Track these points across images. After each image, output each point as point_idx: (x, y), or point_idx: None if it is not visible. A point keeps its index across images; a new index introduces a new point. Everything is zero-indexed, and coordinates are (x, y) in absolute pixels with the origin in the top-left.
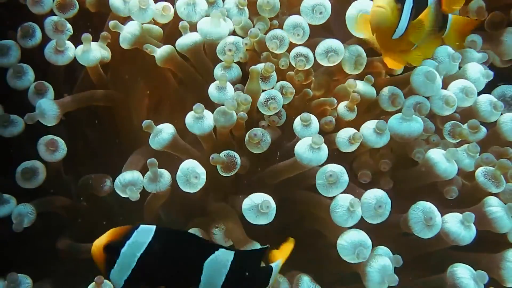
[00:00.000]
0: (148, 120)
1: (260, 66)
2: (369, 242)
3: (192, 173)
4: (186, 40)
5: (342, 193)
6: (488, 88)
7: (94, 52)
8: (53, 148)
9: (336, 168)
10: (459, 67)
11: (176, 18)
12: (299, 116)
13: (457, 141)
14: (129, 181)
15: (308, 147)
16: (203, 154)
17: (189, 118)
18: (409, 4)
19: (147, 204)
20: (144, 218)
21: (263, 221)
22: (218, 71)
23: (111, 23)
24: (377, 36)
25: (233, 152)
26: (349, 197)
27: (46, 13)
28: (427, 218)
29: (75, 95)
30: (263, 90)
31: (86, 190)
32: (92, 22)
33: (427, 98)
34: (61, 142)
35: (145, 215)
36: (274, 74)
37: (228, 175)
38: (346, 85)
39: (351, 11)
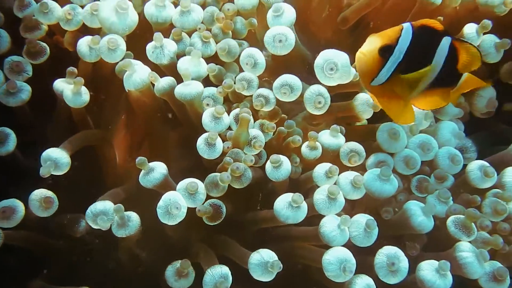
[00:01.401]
0: (142, 157)
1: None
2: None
3: (174, 204)
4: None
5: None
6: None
7: (84, 95)
8: (48, 205)
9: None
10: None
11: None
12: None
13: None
14: (100, 210)
15: (287, 204)
16: None
17: (181, 190)
18: (397, 58)
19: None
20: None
21: (267, 278)
22: (207, 120)
23: (124, 62)
24: (360, 78)
25: (219, 201)
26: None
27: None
28: (389, 263)
29: (72, 139)
30: None
31: (60, 229)
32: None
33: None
34: (54, 198)
35: (120, 254)
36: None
37: (213, 224)
38: (291, 141)
39: (319, 61)
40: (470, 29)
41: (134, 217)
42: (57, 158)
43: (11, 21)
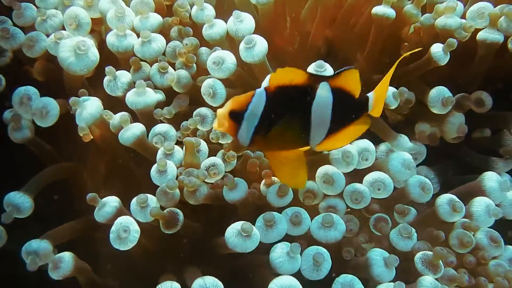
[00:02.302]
0: (93, 194)
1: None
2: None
3: (122, 227)
4: (128, 133)
5: None
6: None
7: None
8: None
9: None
10: None
11: None
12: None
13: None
14: (33, 250)
15: (236, 232)
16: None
17: (133, 206)
18: (251, 122)
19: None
20: None
21: None
22: (159, 155)
23: (72, 100)
24: None
25: (176, 209)
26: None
27: None
28: None
29: (39, 176)
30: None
31: None
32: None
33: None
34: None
35: None
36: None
37: (170, 232)
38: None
39: None
40: (436, 48)
41: (66, 258)
42: (18, 203)
43: None
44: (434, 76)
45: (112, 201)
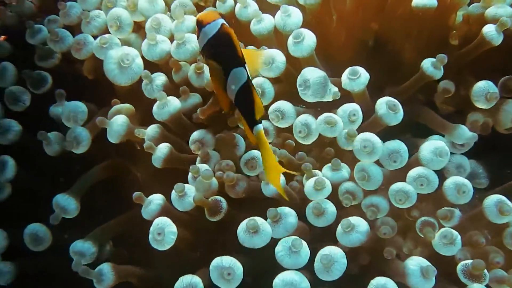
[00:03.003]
0: (138, 192)
1: None
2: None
3: (157, 230)
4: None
5: None
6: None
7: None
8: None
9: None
10: None
11: None
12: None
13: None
14: (78, 250)
15: (244, 228)
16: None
17: (173, 195)
18: (202, 38)
19: None
20: None
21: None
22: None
23: (99, 120)
24: None
25: (219, 197)
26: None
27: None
28: None
29: (85, 177)
30: None
31: None
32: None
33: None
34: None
35: None
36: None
37: (214, 220)
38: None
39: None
40: (489, 28)
41: (105, 270)
42: (65, 205)
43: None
44: (484, 66)
45: (156, 199)
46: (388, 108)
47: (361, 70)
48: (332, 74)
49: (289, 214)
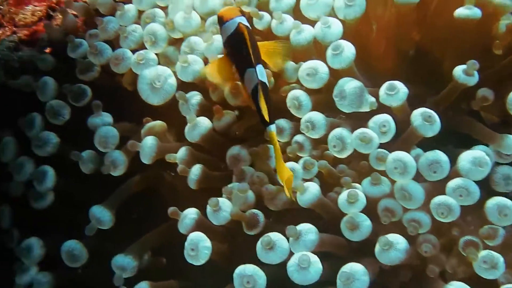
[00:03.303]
0: (173, 208)
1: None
2: None
3: (191, 245)
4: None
5: None
6: None
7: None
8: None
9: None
10: None
11: None
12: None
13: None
14: (119, 265)
15: (260, 244)
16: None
17: (208, 209)
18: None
19: None
20: None
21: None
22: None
23: (130, 144)
24: None
25: (257, 210)
26: None
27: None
28: None
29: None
30: None
31: None
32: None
33: None
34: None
35: None
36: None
37: (253, 233)
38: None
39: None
40: None
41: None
42: (100, 216)
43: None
44: None
45: (190, 213)
46: (423, 119)
47: (399, 85)
48: (372, 85)
49: (309, 231)
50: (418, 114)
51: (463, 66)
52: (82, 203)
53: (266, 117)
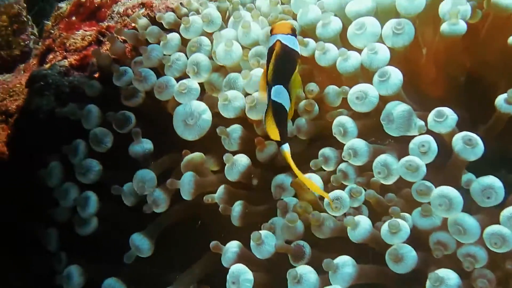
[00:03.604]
0: (215, 242)
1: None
2: None
3: (232, 279)
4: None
5: None
6: None
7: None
8: None
9: None
10: None
11: None
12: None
13: None
14: None
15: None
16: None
17: (252, 243)
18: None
19: None
20: None
21: None
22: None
23: (169, 182)
24: None
25: (302, 241)
26: None
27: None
28: None
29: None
30: None
31: None
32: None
33: None
34: None
35: None
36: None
37: (298, 265)
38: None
39: None
40: None
41: None
42: (139, 244)
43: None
44: None
45: (232, 247)
46: (464, 142)
47: (447, 111)
48: (423, 110)
49: (346, 264)
50: (459, 138)
51: (505, 95)
52: (125, 229)
53: (273, 137)
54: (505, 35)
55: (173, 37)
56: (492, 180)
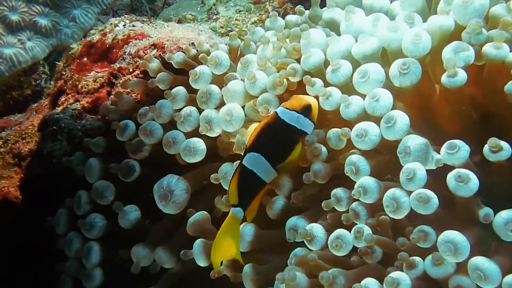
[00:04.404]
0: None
1: None
2: None
3: None
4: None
5: None
6: None
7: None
8: None
9: None
10: None
11: None
12: None
13: None
14: None
15: None
16: None
17: None
18: None
19: None
20: None
21: None
22: None
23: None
24: None
25: None
26: None
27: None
28: None
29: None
30: None
31: None
32: None
33: None
34: None
35: None
36: None
37: None
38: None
39: None
40: None
41: None
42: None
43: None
44: None
45: None
46: (455, 180)
47: (459, 143)
48: (438, 145)
49: None
50: (451, 177)
51: None
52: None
53: (231, 200)
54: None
55: (179, 91)
56: None
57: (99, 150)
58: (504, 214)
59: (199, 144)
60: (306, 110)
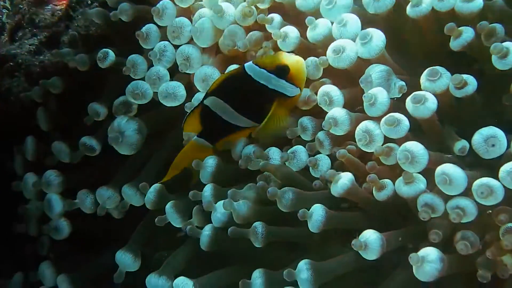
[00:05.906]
0: None
1: None
2: None
3: None
4: None
5: None
6: None
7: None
8: None
9: None
10: None
11: None
12: None
13: None
14: None
15: None
16: None
17: None
18: None
19: None
20: None
21: None
22: None
23: None
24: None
25: None
26: None
27: None
28: None
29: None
30: None
31: None
32: None
33: None
34: None
35: None
36: None
37: None
38: None
39: None
40: None
41: None
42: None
43: None
44: None
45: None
46: (413, 103)
47: (441, 70)
48: (410, 73)
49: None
50: (408, 101)
51: None
52: None
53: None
54: None
55: (150, 29)
56: (494, 130)
57: (57, 91)
58: (483, 131)
59: (180, 89)
60: (281, 71)
